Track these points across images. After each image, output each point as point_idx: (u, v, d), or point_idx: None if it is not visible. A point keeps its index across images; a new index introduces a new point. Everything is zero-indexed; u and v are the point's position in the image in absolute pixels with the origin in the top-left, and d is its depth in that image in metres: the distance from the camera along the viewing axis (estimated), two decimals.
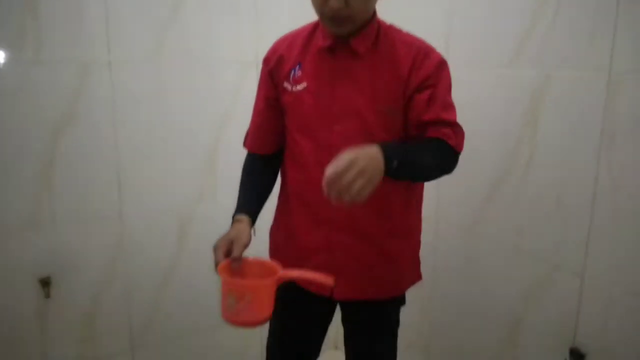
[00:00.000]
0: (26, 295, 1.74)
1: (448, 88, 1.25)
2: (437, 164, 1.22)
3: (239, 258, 1.14)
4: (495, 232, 1.64)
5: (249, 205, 1.31)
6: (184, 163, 1.96)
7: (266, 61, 1.34)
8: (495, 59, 1.58)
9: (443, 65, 1.23)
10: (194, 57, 1.91)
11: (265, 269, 1.14)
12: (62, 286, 1.79)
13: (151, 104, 1.86)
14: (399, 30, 1.27)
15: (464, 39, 1.69)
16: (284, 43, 1.32)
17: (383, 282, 1.34)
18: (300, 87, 1.26)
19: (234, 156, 1.47)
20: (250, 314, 1.08)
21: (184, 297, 2.04)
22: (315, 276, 1.13)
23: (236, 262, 1.14)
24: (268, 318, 1.11)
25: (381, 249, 1.30)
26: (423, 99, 1.20)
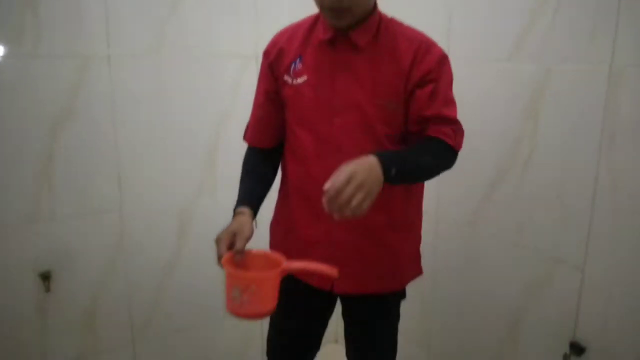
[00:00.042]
0: (26, 289, 1.74)
1: (449, 83, 1.25)
2: (436, 165, 1.23)
3: (242, 250, 1.14)
4: (495, 229, 1.64)
5: (250, 197, 1.30)
6: (184, 158, 1.96)
7: (266, 54, 1.33)
8: (495, 54, 1.58)
9: (444, 59, 1.23)
10: (194, 52, 1.90)
11: (268, 261, 1.13)
12: (63, 280, 1.79)
13: (151, 100, 1.85)
14: (400, 23, 1.26)
15: (464, 34, 1.68)
16: (284, 36, 1.31)
17: (383, 276, 1.34)
18: (300, 81, 1.25)
19: (234, 152, 1.47)
20: (255, 306, 1.08)
21: (185, 292, 2.04)
22: (319, 267, 1.13)
23: (239, 255, 1.13)
24: (273, 310, 1.10)
25: (381, 243, 1.30)
26: (424, 94, 1.19)
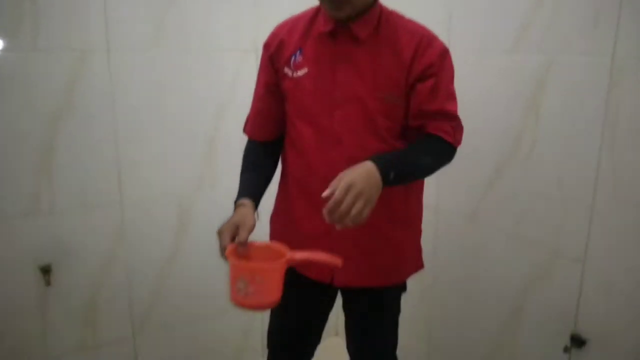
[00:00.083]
0: (27, 283, 1.74)
1: (451, 78, 1.25)
2: (435, 163, 1.25)
3: (245, 242, 1.13)
4: (496, 222, 1.64)
5: (251, 189, 1.30)
6: (183, 151, 1.95)
7: (267, 46, 1.32)
8: (496, 46, 1.57)
9: (446, 54, 1.22)
10: (193, 46, 1.89)
11: (271, 252, 1.13)
12: (63, 274, 1.79)
13: (150, 93, 1.84)
14: (402, 16, 1.25)
15: (465, 26, 1.67)
16: (285, 28, 1.31)
17: (384, 269, 1.34)
18: (301, 73, 1.25)
19: (234, 145, 1.47)
20: (261, 297, 1.08)
21: (185, 284, 2.05)
22: (322, 257, 1.13)
23: (242, 246, 1.13)
24: (278, 300, 1.10)
25: (381, 236, 1.30)
26: (426, 88, 1.19)
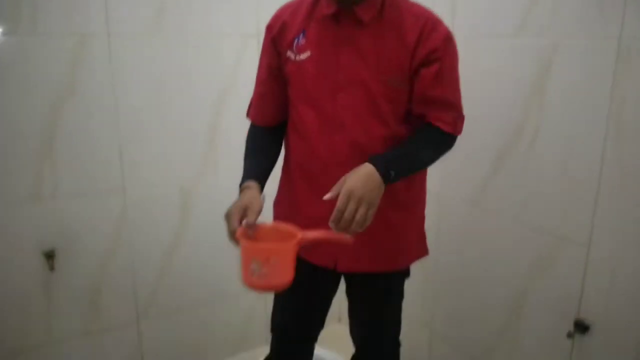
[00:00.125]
0: (31, 268, 1.75)
1: (455, 64, 1.24)
2: (436, 154, 1.26)
3: (254, 224, 1.13)
4: (500, 208, 1.63)
5: (256, 172, 1.29)
6: (186, 137, 1.95)
7: (269, 28, 1.31)
8: (500, 29, 1.55)
9: (450, 38, 1.21)
10: (194, 30, 1.88)
11: (280, 233, 1.13)
12: (67, 259, 1.80)
13: (151, 78, 1.83)
14: (406, 0, 1.24)
15: (469, 9, 1.65)
16: (288, 10, 1.29)
17: (387, 255, 1.34)
18: (303, 56, 1.24)
19: (236, 131, 1.47)
20: (275, 278, 1.08)
21: (188, 269, 2.05)
22: (333, 236, 1.13)
23: (251, 229, 1.13)
24: (291, 280, 1.11)
25: (384, 222, 1.28)
26: (430, 73, 1.19)
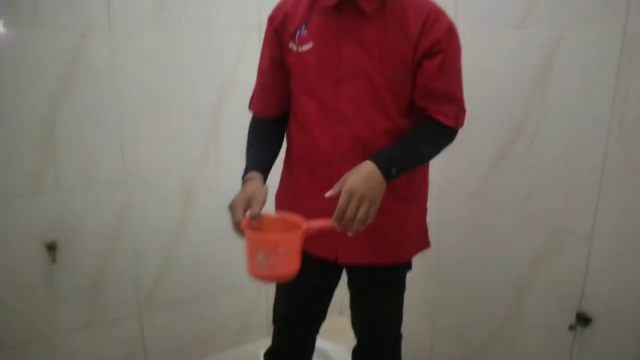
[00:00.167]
0: (33, 260, 1.75)
1: (458, 56, 1.24)
2: (437, 148, 1.27)
3: (259, 215, 1.13)
4: (502, 200, 1.63)
5: (259, 164, 1.29)
6: (187, 129, 1.95)
7: (271, 20, 1.30)
8: (503, 21, 1.54)
9: (453, 30, 1.21)
10: (195, 21, 1.87)
11: (285, 223, 1.14)
12: (68, 251, 1.80)
13: (152, 69, 1.83)
14: None
15: (472, 0, 1.64)
16: (290, 1, 1.28)
17: (388, 247, 1.34)
18: (306, 48, 1.23)
19: (238, 123, 1.46)
20: (283, 268, 1.09)
21: (190, 261, 2.06)
22: None
23: (256, 220, 1.13)
24: (298, 270, 1.11)
25: (385, 214, 1.27)
26: (433, 66, 1.18)
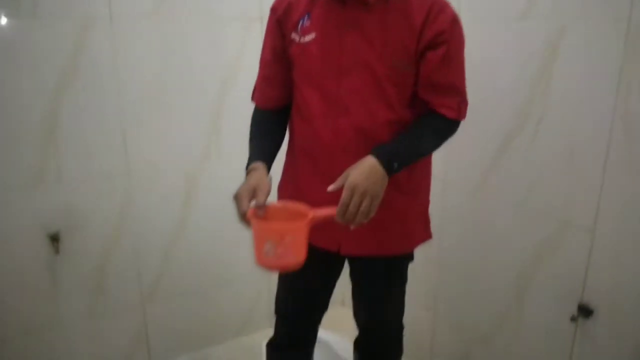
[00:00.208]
0: (36, 251, 1.76)
1: (462, 47, 1.23)
2: (439, 140, 1.27)
3: (264, 205, 1.13)
4: (505, 190, 1.63)
5: (263, 154, 1.29)
6: (189, 121, 1.95)
7: (274, 10, 1.30)
8: (507, 12, 1.53)
9: (457, 21, 1.20)
10: (197, 12, 1.87)
11: (290, 212, 1.14)
12: (72, 242, 1.81)
13: (154, 61, 1.83)
14: None
15: None
16: None
17: (390, 239, 1.34)
18: (308, 39, 1.22)
19: (240, 115, 1.46)
20: (291, 257, 1.09)
21: (193, 252, 2.06)
22: None
23: (261, 209, 1.13)
24: (305, 259, 1.11)
25: (387, 205, 1.27)
26: (437, 57, 1.18)
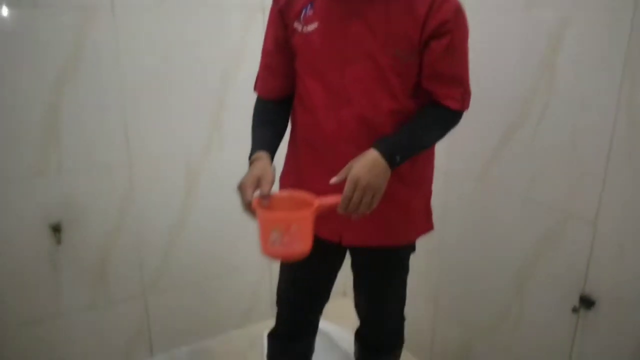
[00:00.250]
0: (38, 241, 1.76)
1: (465, 37, 1.22)
2: (442, 131, 1.27)
3: (269, 194, 1.13)
4: (507, 182, 1.62)
5: (266, 144, 1.28)
6: (191, 112, 1.94)
7: (276, 0, 1.29)
8: (510, 3, 1.52)
9: (461, 11, 1.19)
10: (199, 2, 1.86)
11: (294, 201, 1.14)
12: (73, 232, 1.81)
13: (156, 52, 1.82)
14: None
15: None
16: None
17: (392, 229, 1.34)
18: (310, 28, 1.22)
19: (242, 106, 1.46)
20: (297, 246, 1.09)
21: (195, 242, 2.07)
22: None
23: (266, 199, 1.13)
24: (311, 247, 1.11)
25: (389, 196, 1.27)
26: (440, 46, 1.17)
